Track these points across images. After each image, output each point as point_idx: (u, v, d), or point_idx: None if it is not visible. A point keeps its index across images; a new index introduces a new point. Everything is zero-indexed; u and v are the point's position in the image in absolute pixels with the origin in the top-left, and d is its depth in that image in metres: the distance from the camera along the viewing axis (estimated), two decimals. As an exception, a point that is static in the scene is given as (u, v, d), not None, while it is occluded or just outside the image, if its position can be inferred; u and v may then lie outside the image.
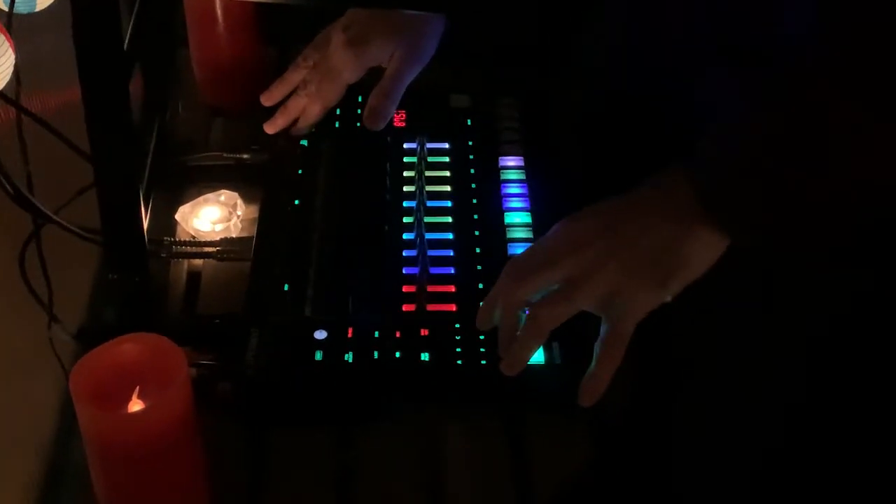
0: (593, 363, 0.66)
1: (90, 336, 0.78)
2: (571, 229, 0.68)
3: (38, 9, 0.86)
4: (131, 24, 0.78)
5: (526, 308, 0.67)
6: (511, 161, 0.93)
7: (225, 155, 0.96)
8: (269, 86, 0.96)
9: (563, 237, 0.68)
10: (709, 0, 0.74)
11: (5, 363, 0.80)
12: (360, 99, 0.97)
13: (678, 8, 0.77)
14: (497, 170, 0.92)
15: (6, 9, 0.78)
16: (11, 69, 0.79)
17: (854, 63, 0.60)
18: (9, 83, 0.78)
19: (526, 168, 0.92)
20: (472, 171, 0.91)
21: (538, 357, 0.73)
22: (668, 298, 0.66)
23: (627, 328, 0.65)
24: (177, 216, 0.89)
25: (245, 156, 0.95)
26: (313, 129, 0.95)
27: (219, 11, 0.96)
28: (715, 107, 0.68)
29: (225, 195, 0.91)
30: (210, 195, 0.91)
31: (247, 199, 0.91)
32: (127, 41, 0.75)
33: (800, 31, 0.65)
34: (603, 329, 0.66)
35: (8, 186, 0.74)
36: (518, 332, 0.67)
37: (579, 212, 0.69)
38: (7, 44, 0.78)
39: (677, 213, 0.65)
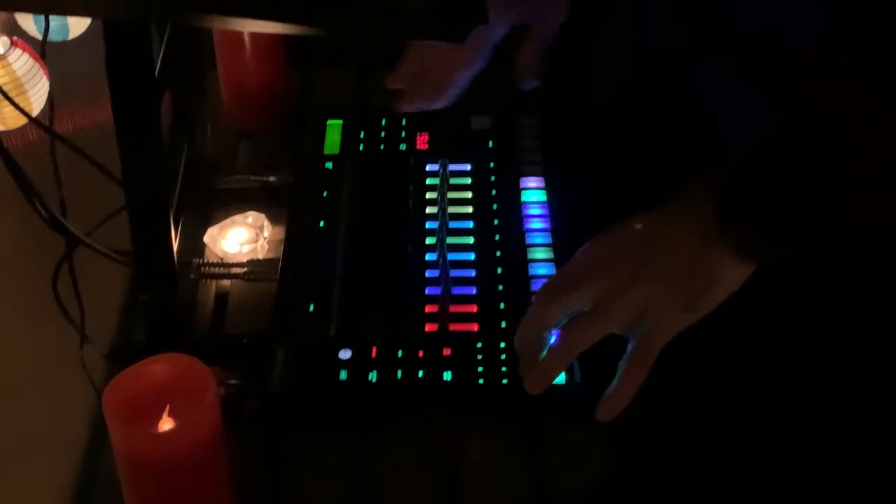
0: (616, 380, 0.66)
1: (121, 355, 0.80)
2: (599, 250, 0.68)
3: (70, 37, 0.88)
4: (162, 50, 0.81)
5: (554, 330, 0.68)
6: (532, 182, 0.94)
7: (252, 177, 0.98)
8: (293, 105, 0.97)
9: (591, 258, 0.68)
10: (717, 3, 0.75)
11: (39, 381, 0.83)
12: (383, 122, 0.99)
13: (688, 11, 0.78)
14: (518, 190, 0.93)
15: (40, 37, 0.81)
16: (46, 95, 0.82)
17: (878, 77, 0.59)
18: (43, 109, 0.81)
19: (547, 188, 0.93)
20: (494, 191, 0.93)
21: (559, 377, 0.74)
22: (695, 320, 0.65)
23: (654, 348, 0.65)
24: (205, 238, 0.91)
25: (271, 178, 0.97)
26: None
27: (246, 37, 0.99)
28: (728, 114, 0.69)
29: (252, 216, 0.93)
30: (237, 217, 0.93)
31: (273, 220, 0.93)
32: (158, 67, 0.78)
33: (811, 32, 0.64)
34: (630, 347, 0.66)
35: (42, 210, 0.76)
36: (545, 353, 0.68)
37: (607, 231, 0.68)
38: (41, 71, 0.81)
39: (701, 234, 0.64)
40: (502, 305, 0.81)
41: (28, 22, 0.87)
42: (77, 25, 0.88)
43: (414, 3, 0.59)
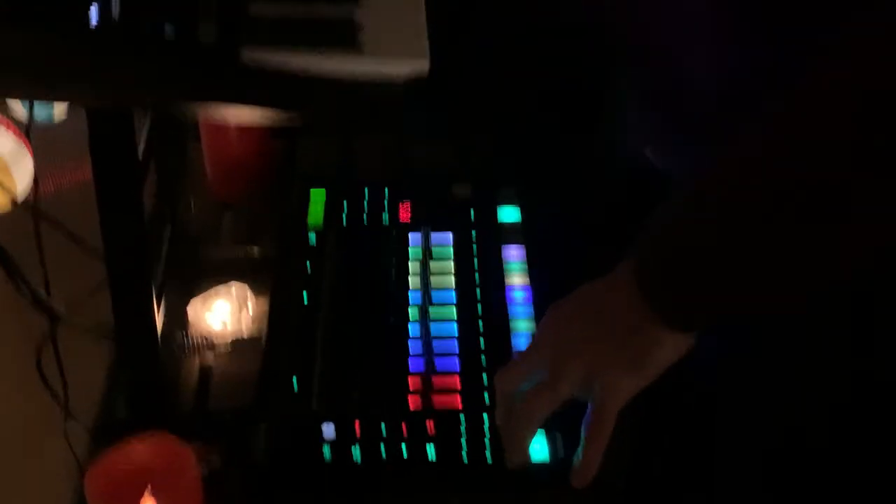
0: (581, 445, 0.68)
1: (105, 432, 0.80)
2: (553, 316, 0.70)
3: (56, 121, 0.89)
4: (146, 125, 0.82)
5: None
6: (513, 249, 0.95)
7: (235, 248, 0.98)
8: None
9: (546, 324, 0.70)
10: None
11: (22, 457, 0.82)
12: (365, 191, 1.00)
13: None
14: (500, 259, 0.94)
15: (25, 119, 0.82)
16: (31, 174, 0.83)
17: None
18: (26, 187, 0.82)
19: (528, 257, 0.94)
20: (476, 261, 0.93)
21: (542, 454, 0.75)
22: (647, 382, 0.67)
23: (607, 412, 0.67)
24: (188, 311, 0.91)
25: (255, 249, 0.98)
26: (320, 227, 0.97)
27: (229, 110, 1.00)
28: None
29: (236, 287, 0.94)
30: (221, 287, 0.94)
31: (257, 291, 0.93)
32: (142, 143, 0.79)
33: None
34: (588, 410, 0.68)
35: (26, 290, 0.77)
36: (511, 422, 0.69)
37: (561, 301, 0.71)
38: (26, 150, 0.82)
39: (631, 304, 0.65)
40: (485, 377, 0.82)
41: (15, 103, 0.88)
42: (62, 106, 0.89)
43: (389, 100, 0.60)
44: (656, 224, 0.66)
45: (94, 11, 0.62)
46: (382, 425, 0.77)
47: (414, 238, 0.96)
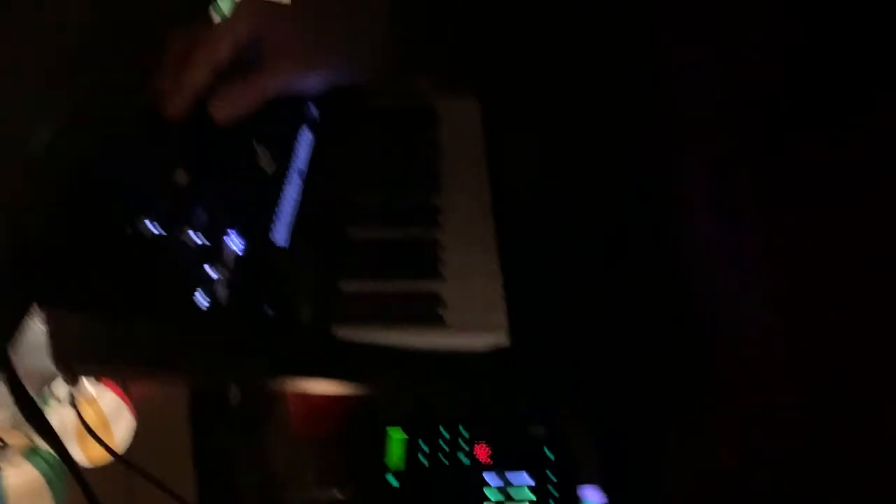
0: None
1: None
2: None
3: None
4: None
5: None
6: (590, 491, 0.96)
7: (317, 489, 1.01)
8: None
9: None
10: None
11: None
12: (441, 430, 1.03)
13: None
14: (578, 501, 0.95)
15: (128, 377, 0.88)
16: (131, 430, 0.88)
17: None
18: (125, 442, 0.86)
19: (607, 497, 0.95)
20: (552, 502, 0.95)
21: None
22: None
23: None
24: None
25: (335, 490, 1.01)
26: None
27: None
28: None
29: (318, 532, 0.95)
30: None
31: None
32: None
33: None
34: None
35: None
36: None
37: None
38: (127, 408, 0.87)
39: None
40: None
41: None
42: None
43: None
44: None
45: (199, 296, 0.68)
46: None
47: (491, 478, 0.98)
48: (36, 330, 0.68)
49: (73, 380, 0.65)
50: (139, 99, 0.77)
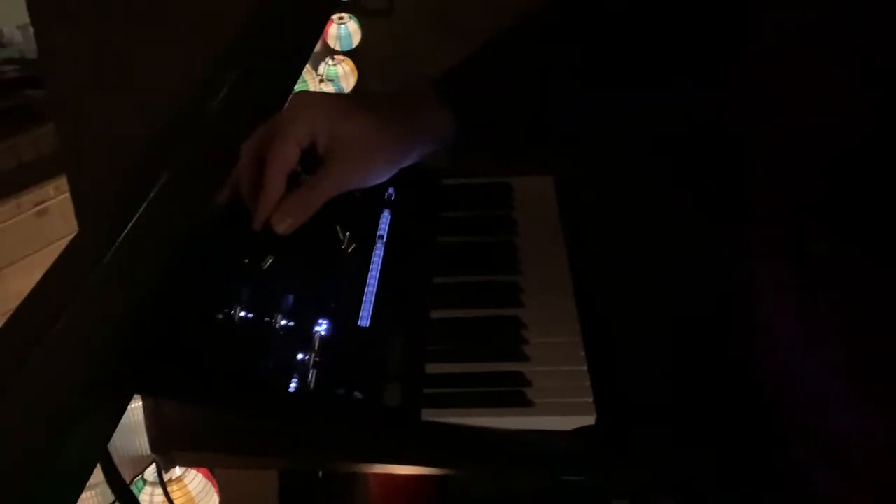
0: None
1: None
2: None
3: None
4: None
5: None
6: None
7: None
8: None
9: None
10: None
11: None
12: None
13: None
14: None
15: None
16: (216, 510, 0.89)
17: None
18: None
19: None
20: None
21: None
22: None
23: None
24: None
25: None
26: None
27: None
28: None
29: None
30: None
31: None
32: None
33: None
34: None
35: None
36: None
37: None
38: (213, 489, 0.88)
39: None
40: None
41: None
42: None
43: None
44: None
45: (294, 382, 0.69)
46: None
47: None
48: (130, 413, 0.70)
49: (168, 466, 0.66)
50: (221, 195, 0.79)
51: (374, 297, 0.79)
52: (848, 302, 0.68)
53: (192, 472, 0.91)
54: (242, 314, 0.72)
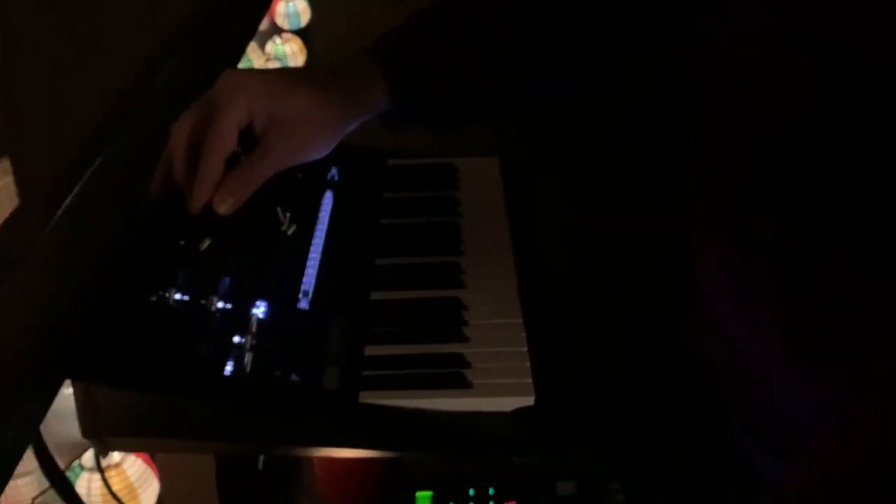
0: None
1: None
2: None
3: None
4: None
5: None
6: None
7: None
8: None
9: None
10: None
11: None
12: (471, 492, 1.02)
13: None
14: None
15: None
16: (156, 496, 0.87)
17: None
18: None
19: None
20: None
21: None
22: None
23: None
24: None
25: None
26: None
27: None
28: None
29: None
30: None
31: None
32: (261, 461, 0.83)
33: None
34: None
35: None
36: None
37: None
38: (153, 475, 0.87)
39: None
40: None
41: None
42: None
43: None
44: None
45: (230, 365, 0.68)
46: None
47: (521, 541, 0.97)
48: (67, 399, 0.69)
49: (104, 452, 0.65)
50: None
51: (314, 280, 0.78)
52: (787, 280, 0.68)
53: (132, 458, 0.90)
54: (178, 297, 0.71)
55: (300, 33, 2.25)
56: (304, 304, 0.75)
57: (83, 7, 1.45)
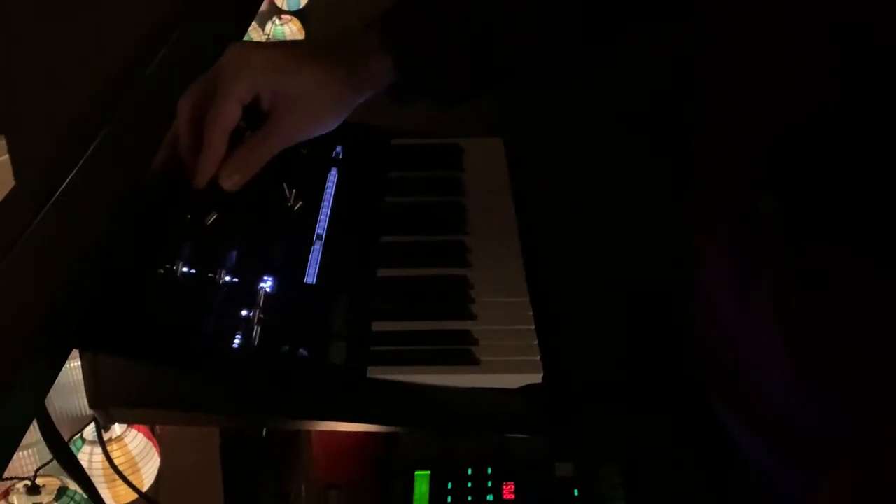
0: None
1: None
2: None
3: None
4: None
5: None
6: (619, 532, 0.95)
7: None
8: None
9: None
10: None
11: None
12: (469, 472, 1.02)
13: None
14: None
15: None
16: (156, 471, 0.87)
17: None
18: (153, 485, 0.86)
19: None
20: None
21: None
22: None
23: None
24: None
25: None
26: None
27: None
28: None
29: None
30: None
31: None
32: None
33: None
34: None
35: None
36: None
37: None
38: (154, 449, 0.87)
39: None
40: None
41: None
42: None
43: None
44: None
45: (237, 339, 0.68)
46: None
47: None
48: (68, 372, 0.69)
49: (109, 422, 0.65)
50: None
51: (320, 255, 0.78)
52: (791, 269, 0.68)
53: (133, 432, 0.90)
54: (185, 270, 0.70)
55: (299, 14, 2.25)
56: (311, 280, 0.75)
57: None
